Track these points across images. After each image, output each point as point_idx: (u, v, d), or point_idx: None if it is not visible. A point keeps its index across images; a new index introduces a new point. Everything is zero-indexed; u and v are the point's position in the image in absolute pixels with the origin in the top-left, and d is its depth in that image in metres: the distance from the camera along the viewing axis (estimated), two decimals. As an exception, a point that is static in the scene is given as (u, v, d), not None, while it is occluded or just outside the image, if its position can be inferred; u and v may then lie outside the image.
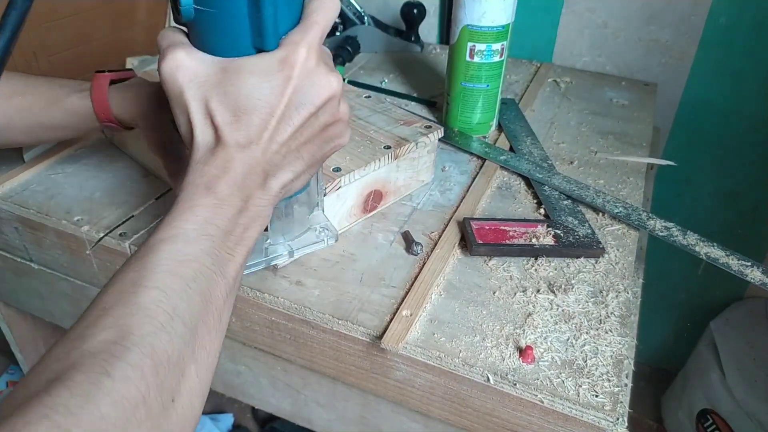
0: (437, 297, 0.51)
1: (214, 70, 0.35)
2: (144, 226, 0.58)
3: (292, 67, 0.34)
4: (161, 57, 0.35)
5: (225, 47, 0.35)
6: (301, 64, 0.34)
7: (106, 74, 0.53)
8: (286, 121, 0.35)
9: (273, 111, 0.34)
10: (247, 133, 0.34)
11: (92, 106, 0.52)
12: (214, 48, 0.35)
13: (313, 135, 0.37)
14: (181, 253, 0.30)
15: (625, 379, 0.44)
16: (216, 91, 0.34)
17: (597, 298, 0.51)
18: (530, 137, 0.75)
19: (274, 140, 0.35)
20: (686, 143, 1.04)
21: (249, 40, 0.35)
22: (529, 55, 1.03)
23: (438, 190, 0.65)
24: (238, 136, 0.34)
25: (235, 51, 0.35)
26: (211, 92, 0.34)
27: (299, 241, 0.47)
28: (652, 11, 0.95)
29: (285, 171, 0.37)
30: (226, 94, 0.34)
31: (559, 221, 0.59)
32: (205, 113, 0.35)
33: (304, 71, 0.35)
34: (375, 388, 0.51)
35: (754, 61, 0.93)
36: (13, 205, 0.61)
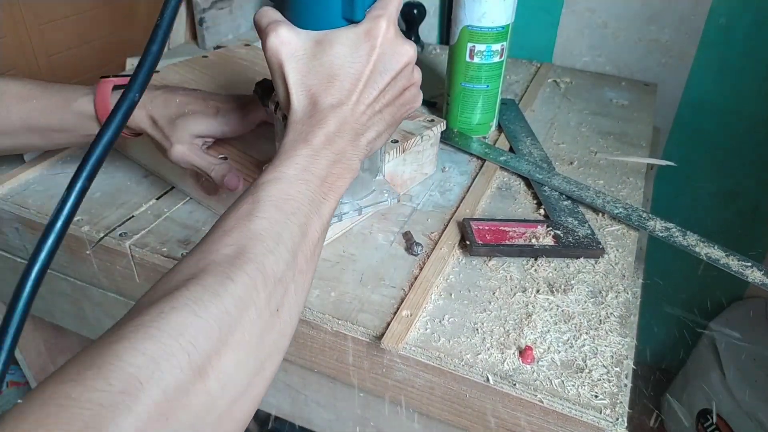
0: (437, 297, 0.51)
1: (310, 44, 0.40)
2: (144, 226, 0.58)
3: (375, 38, 0.40)
4: (265, 34, 0.40)
5: (319, 21, 0.41)
6: (383, 35, 0.40)
7: (110, 80, 0.54)
8: (371, 85, 0.41)
9: (360, 76, 0.40)
10: (338, 95, 0.40)
11: (95, 112, 0.54)
12: (308, 22, 0.41)
13: (393, 98, 0.43)
14: (284, 192, 0.36)
15: (625, 379, 0.44)
16: (312, 62, 0.40)
17: (597, 299, 0.51)
18: (530, 138, 0.75)
19: (361, 102, 0.40)
20: (686, 143, 1.04)
21: (339, 13, 0.41)
22: (529, 55, 1.03)
23: (438, 191, 0.65)
24: (331, 99, 0.40)
25: (327, 24, 0.41)
26: (307, 64, 0.40)
27: (365, 200, 0.53)
28: (652, 11, 0.95)
29: (370, 130, 0.42)
30: (321, 64, 0.40)
31: (559, 221, 0.59)
32: (302, 82, 0.40)
33: (385, 41, 0.40)
34: (375, 388, 0.51)
35: (754, 61, 0.93)
36: (13, 205, 0.61)
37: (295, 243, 0.35)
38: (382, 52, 0.40)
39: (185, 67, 0.79)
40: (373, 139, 0.43)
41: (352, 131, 0.40)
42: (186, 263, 0.32)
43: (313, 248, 0.37)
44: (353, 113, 0.40)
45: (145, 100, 0.53)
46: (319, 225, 0.37)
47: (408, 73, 0.43)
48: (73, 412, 0.24)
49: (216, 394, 0.28)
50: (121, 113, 0.33)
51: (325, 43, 0.40)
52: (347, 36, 0.40)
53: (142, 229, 0.58)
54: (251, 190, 0.36)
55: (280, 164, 0.37)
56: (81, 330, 0.72)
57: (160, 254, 0.55)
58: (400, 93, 0.43)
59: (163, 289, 0.30)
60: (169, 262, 0.54)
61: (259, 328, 0.31)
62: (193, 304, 0.28)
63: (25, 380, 1.08)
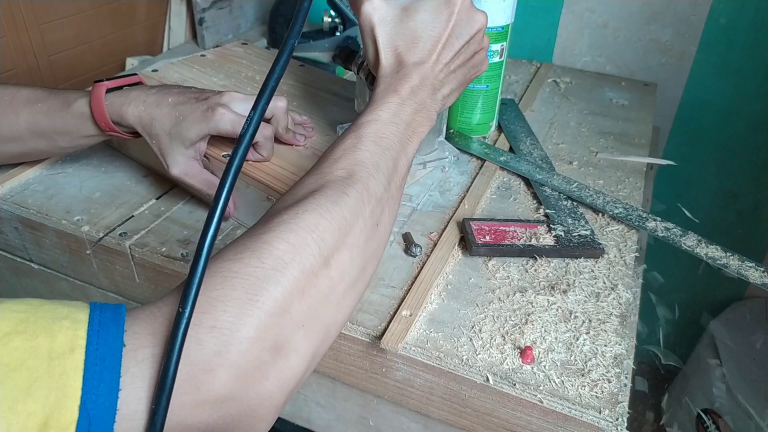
0: (437, 297, 0.51)
1: (398, 10, 0.47)
2: (144, 226, 0.58)
3: (453, 5, 0.46)
4: (360, 2, 0.47)
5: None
6: (460, 3, 0.46)
7: (103, 83, 0.55)
8: (448, 47, 0.47)
9: (439, 39, 0.46)
10: (420, 55, 0.46)
11: (91, 114, 0.55)
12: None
13: (466, 60, 0.49)
14: (380, 131, 0.42)
15: (625, 379, 0.44)
16: (399, 26, 0.47)
17: (597, 299, 0.51)
18: (530, 138, 0.75)
19: (439, 61, 0.47)
20: (686, 143, 1.04)
21: None
22: (529, 55, 1.03)
23: (438, 191, 0.65)
24: (414, 57, 0.46)
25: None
26: (395, 28, 0.47)
27: (429, 156, 0.60)
28: (652, 11, 0.95)
29: (446, 86, 0.48)
30: (407, 27, 0.47)
31: (559, 221, 0.59)
32: (389, 43, 0.47)
33: (462, 9, 0.46)
34: (375, 388, 0.51)
35: (754, 61, 0.93)
36: (13, 205, 0.61)
37: (390, 172, 0.41)
38: (459, 19, 0.46)
39: (183, 66, 0.79)
40: (447, 95, 0.49)
41: (431, 86, 0.46)
42: (307, 181, 0.39)
43: (401, 179, 0.43)
44: (433, 70, 0.46)
45: (138, 99, 0.54)
46: (406, 161, 0.43)
47: (479, 38, 0.49)
48: (236, 282, 0.31)
49: (336, 281, 0.35)
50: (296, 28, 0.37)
51: (410, 9, 0.47)
52: (430, 4, 0.47)
53: (142, 229, 0.58)
54: (353, 128, 0.42)
55: (375, 108, 0.43)
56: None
57: (160, 254, 0.55)
58: (472, 56, 0.49)
59: (292, 198, 0.37)
60: (169, 262, 0.54)
61: (366, 235, 0.38)
62: (320, 208, 0.35)
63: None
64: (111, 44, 1.05)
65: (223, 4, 1.11)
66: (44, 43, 0.93)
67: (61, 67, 0.97)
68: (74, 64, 0.99)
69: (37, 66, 0.93)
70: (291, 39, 0.36)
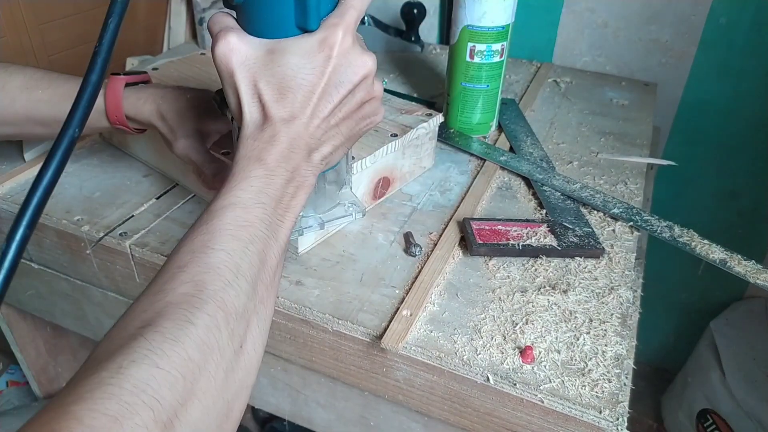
0: (437, 297, 0.51)
1: (262, 52, 0.38)
2: (144, 226, 0.58)
3: (331, 48, 0.38)
4: (214, 40, 0.38)
5: (271, 29, 0.39)
6: (339, 45, 0.38)
7: (121, 77, 0.54)
8: (326, 98, 0.39)
9: (314, 89, 0.38)
10: (291, 109, 0.38)
11: (104, 107, 0.53)
12: (261, 30, 0.39)
13: (351, 111, 0.41)
14: (241, 218, 0.34)
15: (625, 379, 0.44)
16: (263, 71, 0.38)
17: (597, 298, 0.51)
18: (530, 137, 0.75)
19: (315, 116, 0.39)
20: (686, 143, 1.04)
21: (293, 21, 0.39)
22: (529, 55, 1.03)
23: (438, 191, 0.65)
24: (283, 112, 0.38)
25: (281, 32, 0.39)
26: (259, 73, 0.38)
27: (329, 214, 0.51)
28: (652, 11, 0.95)
29: (326, 144, 0.40)
30: (272, 74, 0.38)
31: (559, 221, 0.59)
32: (253, 92, 0.38)
33: (341, 51, 0.38)
34: (375, 388, 0.51)
35: (754, 61, 0.93)
36: (13, 205, 0.61)
37: (255, 273, 0.33)
38: (338, 64, 0.38)
39: (184, 65, 0.79)
40: (328, 154, 0.41)
41: (306, 146, 0.39)
42: (140, 306, 0.30)
43: (272, 275, 0.35)
44: (307, 128, 0.39)
45: (155, 95, 0.53)
46: (277, 250, 0.36)
47: (367, 85, 0.41)
48: None
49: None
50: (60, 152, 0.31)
51: (277, 52, 0.38)
52: (301, 45, 0.38)
53: (142, 228, 0.58)
54: (205, 218, 0.34)
55: (234, 186, 0.36)
56: (81, 330, 0.72)
57: (160, 254, 0.55)
58: (359, 107, 0.41)
59: (119, 337, 0.28)
60: (169, 261, 0.54)
61: (224, 370, 0.29)
62: (153, 354, 0.27)
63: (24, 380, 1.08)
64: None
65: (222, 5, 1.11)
66: (44, 43, 0.93)
67: (61, 67, 0.97)
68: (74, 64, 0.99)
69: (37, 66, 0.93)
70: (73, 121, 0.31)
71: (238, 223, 0.34)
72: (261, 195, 0.35)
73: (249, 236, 0.34)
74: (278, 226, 0.36)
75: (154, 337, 0.27)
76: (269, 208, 0.35)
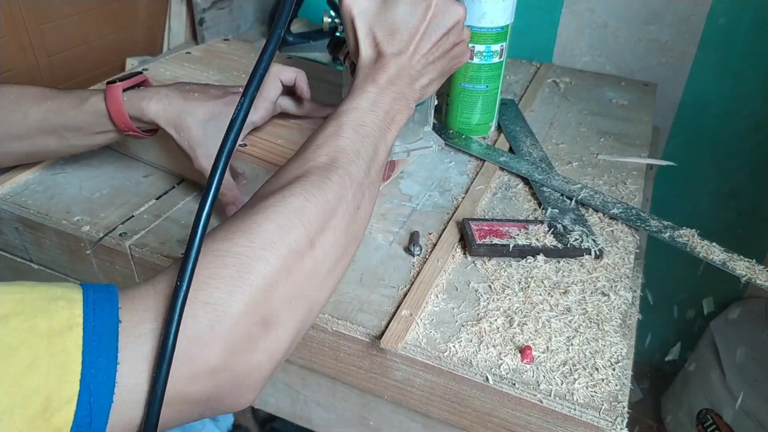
0: (437, 297, 0.51)
1: (378, 3, 0.49)
2: (144, 226, 0.58)
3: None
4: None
5: None
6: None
7: (117, 84, 0.55)
8: (426, 38, 0.48)
9: (417, 30, 0.48)
10: (398, 46, 0.48)
11: (109, 115, 0.55)
12: None
13: (445, 51, 0.50)
14: (360, 119, 0.43)
15: (625, 379, 0.44)
16: (378, 17, 0.48)
17: (597, 298, 0.51)
18: (530, 138, 0.75)
19: (417, 52, 0.48)
20: (686, 143, 1.04)
21: None
22: (529, 55, 1.03)
23: (438, 191, 0.65)
24: (392, 48, 0.47)
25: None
26: (374, 19, 0.48)
27: (414, 144, 0.62)
28: (652, 11, 0.95)
29: (424, 76, 0.49)
30: (385, 19, 0.48)
31: (558, 221, 0.59)
32: (368, 34, 0.48)
33: (440, 1, 0.48)
34: (375, 388, 0.51)
35: (754, 61, 0.93)
36: (13, 205, 0.62)
37: (369, 158, 0.42)
38: (436, 11, 0.48)
39: (173, 64, 0.80)
40: (426, 85, 0.50)
41: (409, 76, 0.48)
42: (291, 166, 0.40)
43: (380, 165, 0.44)
44: (410, 61, 0.48)
45: (159, 94, 0.55)
46: (385, 148, 0.45)
47: (458, 30, 0.50)
48: (227, 260, 0.32)
49: (320, 261, 0.37)
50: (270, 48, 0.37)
51: (390, 2, 0.48)
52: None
53: (142, 229, 0.58)
54: (334, 115, 0.43)
55: (355, 97, 0.45)
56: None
57: (160, 254, 0.55)
58: (451, 48, 0.50)
59: (279, 182, 0.38)
60: (169, 261, 0.55)
61: (347, 218, 0.39)
62: (306, 193, 0.37)
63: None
64: (111, 44, 1.05)
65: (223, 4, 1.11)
66: (44, 43, 0.93)
67: (61, 67, 0.97)
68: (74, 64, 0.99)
69: (37, 66, 0.93)
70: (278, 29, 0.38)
71: (358, 122, 0.43)
72: (374, 105, 0.44)
73: (366, 132, 0.43)
74: (386, 130, 0.45)
75: (306, 183, 0.38)
76: (380, 117, 0.44)
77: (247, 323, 0.32)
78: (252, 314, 0.32)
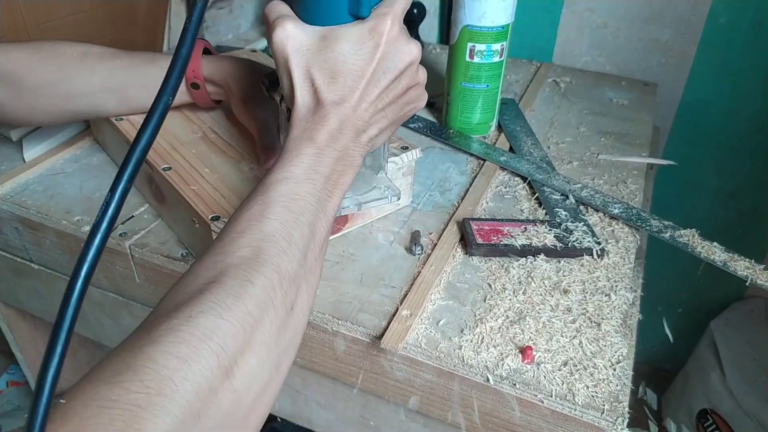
0: (437, 297, 0.51)
1: (316, 39, 0.41)
2: (144, 226, 0.58)
3: (380, 35, 0.41)
4: (271, 28, 0.41)
5: (325, 16, 0.42)
6: (387, 33, 0.41)
7: (200, 40, 0.59)
8: (374, 83, 0.41)
9: (363, 74, 0.41)
10: (341, 92, 0.40)
11: None
12: (315, 17, 0.42)
13: (396, 96, 0.43)
14: (293, 192, 0.36)
15: (625, 379, 0.44)
16: (316, 57, 0.41)
17: (597, 298, 0.51)
18: (530, 137, 0.75)
19: (363, 99, 0.41)
20: (686, 143, 1.04)
21: (346, 9, 0.42)
22: (529, 55, 1.03)
23: (438, 191, 0.65)
24: (333, 96, 0.40)
25: (334, 20, 0.42)
26: (312, 59, 0.41)
27: (365, 196, 0.53)
28: (652, 11, 0.95)
29: (372, 127, 0.43)
30: (324, 60, 0.41)
31: (559, 221, 0.59)
32: (305, 77, 0.41)
33: (390, 39, 0.41)
34: (375, 388, 0.51)
35: (754, 61, 0.93)
36: (13, 205, 0.61)
37: (305, 242, 0.36)
38: (386, 50, 0.41)
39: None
40: (375, 136, 0.43)
41: (354, 128, 0.41)
42: (203, 266, 0.33)
43: (320, 246, 0.38)
44: (355, 111, 0.41)
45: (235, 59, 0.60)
46: (326, 223, 0.38)
47: (412, 72, 0.43)
48: (113, 413, 0.25)
49: (242, 392, 0.29)
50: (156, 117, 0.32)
51: (330, 38, 0.41)
52: (352, 32, 0.41)
53: (142, 229, 0.58)
54: (260, 190, 0.37)
55: (287, 163, 0.38)
56: (81, 330, 0.72)
57: (160, 254, 0.55)
58: (404, 92, 0.44)
59: (184, 292, 0.31)
60: (169, 262, 0.54)
61: (277, 327, 0.32)
62: (218, 307, 0.30)
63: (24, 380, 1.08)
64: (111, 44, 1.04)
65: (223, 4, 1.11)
66: (44, 43, 0.93)
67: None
68: (74, 64, 0.99)
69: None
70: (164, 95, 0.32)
71: (290, 196, 0.36)
72: (311, 171, 0.38)
73: (300, 209, 0.36)
74: (327, 201, 0.38)
75: (219, 292, 0.30)
76: (319, 184, 0.38)
77: None
78: None
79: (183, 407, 0.26)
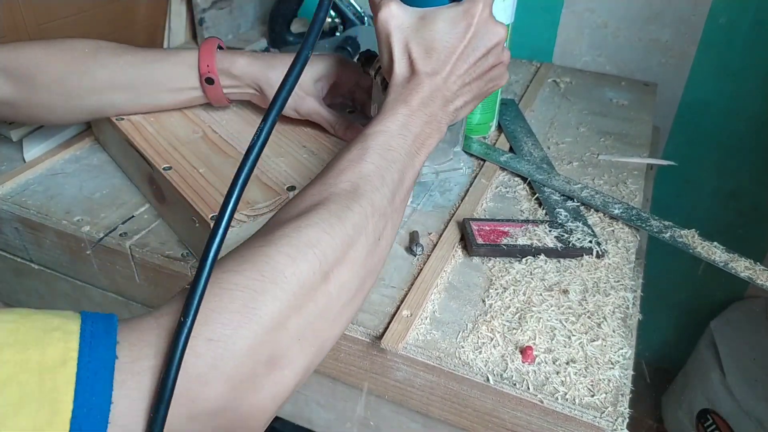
0: (437, 297, 0.51)
1: (415, 18, 0.47)
2: (144, 226, 0.58)
3: (473, 17, 0.45)
4: (378, 8, 0.47)
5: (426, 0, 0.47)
6: (479, 15, 0.45)
7: (213, 38, 0.61)
8: (463, 59, 0.46)
9: (455, 50, 0.46)
10: (434, 65, 0.46)
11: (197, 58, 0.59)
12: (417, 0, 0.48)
13: (482, 73, 0.48)
14: (387, 143, 0.41)
15: (625, 379, 0.44)
16: (414, 34, 0.46)
17: (597, 299, 0.51)
18: (530, 138, 0.75)
19: (453, 73, 0.46)
20: (686, 143, 1.04)
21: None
22: (529, 55, 1.03)
23: (438, 191, 0.65)
24: (427, 68, 0.46)
25: (432, 2, 0.47)
26: (410, 35, 0.46)
27: (443, 166, 0.60)
28: (652, 11, 0.95)
29: (459, 98, 0.48)
30: (422, 37, 0.46)
31: (559, 221, 0.59)
32: (404, 51, 0.46)
33: (480, 21, 0.46)
34: (375, 388, 0.51)
35: (754, 61, 0.93)
36: (13, 205, 0.61)
37: (395, 185, 0.41)
38: (476, 30, 0.46)
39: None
40: (460, 107, 0.48)
41: (443, 98, 0.46)
42: (311, 191, 0.38)
43: (406, 192, 0.43)
44: (446, 82, 0.46)
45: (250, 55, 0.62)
46: (412, 174, 0.43)
47: (498, 51, 0.48)
48: (234, 294, 0.31)
49: (334, 297, 0.35)
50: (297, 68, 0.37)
51: (428, 18, 0.46)
52: (448, 13, 0.46)
53: (143, 229, 0.58)
54: (360, 138, 0.42)
55: (383, 119, 0.43)
56: (81, 330, 0.72)
57: (160, 254, 0.55)
58: (489, 69, 0.48)
59: (295, 209, 0.37)
60: (170, 262, 0.54)
61: (366, 251, 0.37)
62: (323, 223, 0.35)
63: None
64: (111, 44, 1.05)
65: (223, 4, 1.11)
66: (44, 43, 0.93)
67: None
68: (74, 64, 0.99)
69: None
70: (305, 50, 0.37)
71: (385, 146, 0.41)
72: (403, 129, 0.43)
73: (392, 157, 0.41)
74: (415, 155, 0.43)
75: (324, 212, 0.36)
76: (409, 140, 0.43)
77: (252, 362, 0.30)
78: (258, 353, 0.31)
79: (289, 296, 0.32)
